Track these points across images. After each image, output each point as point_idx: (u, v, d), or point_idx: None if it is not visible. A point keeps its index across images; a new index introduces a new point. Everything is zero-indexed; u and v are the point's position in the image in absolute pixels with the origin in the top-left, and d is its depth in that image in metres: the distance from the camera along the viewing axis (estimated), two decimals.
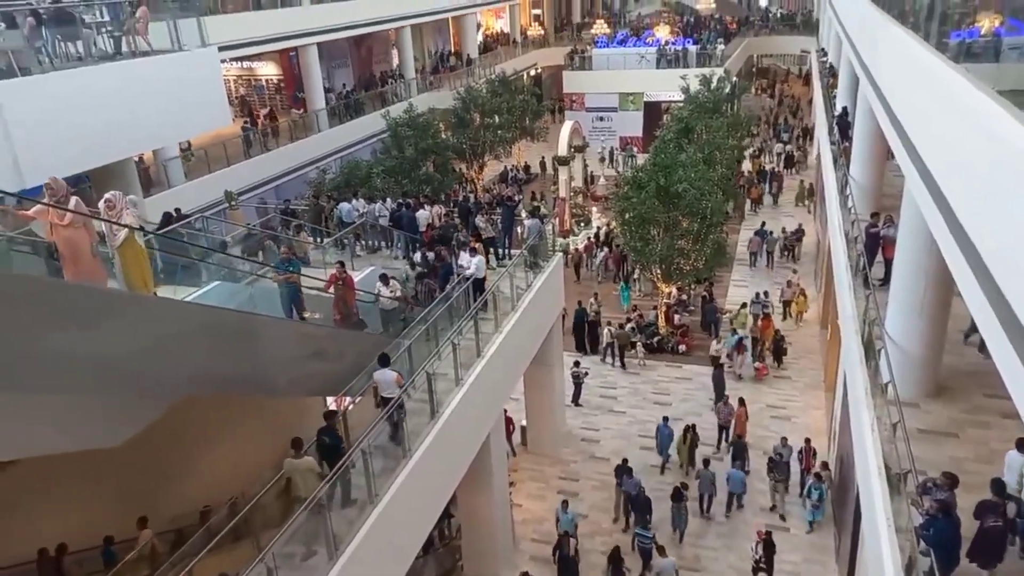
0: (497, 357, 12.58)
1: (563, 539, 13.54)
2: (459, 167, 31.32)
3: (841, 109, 19.48)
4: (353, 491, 9.19)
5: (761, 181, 32.12)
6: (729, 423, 16.68)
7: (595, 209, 30.32)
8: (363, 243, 17.28)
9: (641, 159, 30.43)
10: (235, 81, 33.90)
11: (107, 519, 11.36)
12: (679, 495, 14.25)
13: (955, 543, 6.70)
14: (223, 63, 20.46)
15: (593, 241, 26.97)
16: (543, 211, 18.50)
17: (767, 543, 12.99)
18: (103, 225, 8.25)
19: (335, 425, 9.33)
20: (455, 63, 40.43)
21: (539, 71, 47.53)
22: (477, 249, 14.48)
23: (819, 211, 25.59)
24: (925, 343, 9.74)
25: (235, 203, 19.30)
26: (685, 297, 23.12)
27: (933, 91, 7.22)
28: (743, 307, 21.05)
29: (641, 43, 40.08)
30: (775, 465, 14.83)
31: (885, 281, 11.42)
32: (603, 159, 37.67)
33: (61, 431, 8.12)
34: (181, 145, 22.23)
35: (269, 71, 33.97)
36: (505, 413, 15.48)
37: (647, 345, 20.93)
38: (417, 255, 14.98)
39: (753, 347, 19.88)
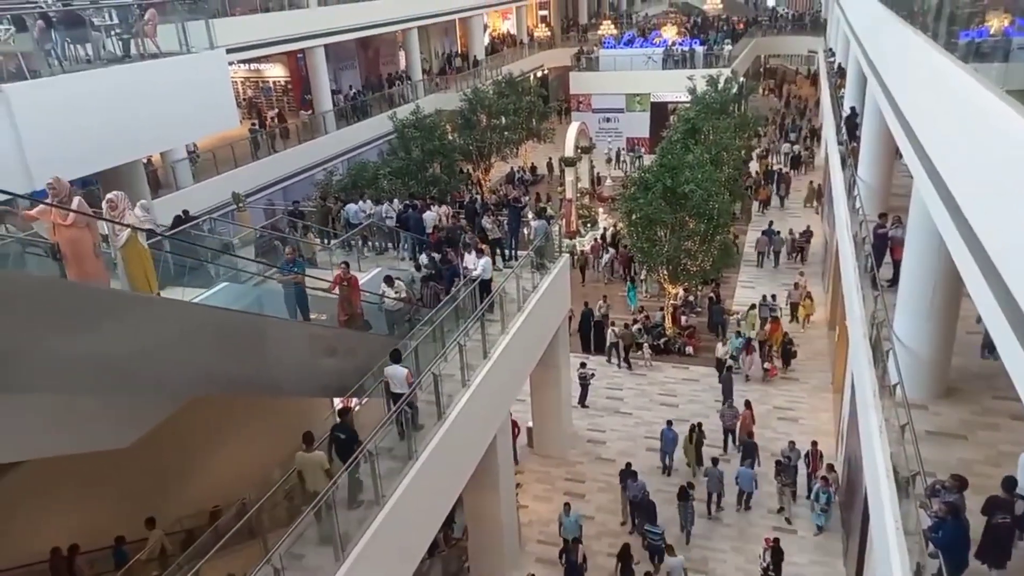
0: (503, 358, 12.58)
1: (571, 545, 13.53)
2: (466, 168, 31.35)
3: (849, 109, 19.41)
4: (361, 492, 9.21)
5: (768, 182, 32.04)
6: (734, 426, 16.63)
7: (601, 210, 30.31)
8: (370, 244, 17.31)
9: (648, 160, 30.36)
10: (243, 83, 34.04)
11: (117, 520, 11.44)
12: (685, 494, 14.28)
13: (964, 546, 6.68)
14: (231, 65, 20.54)
15: (600, 242, 26.94)
16: (549, 212, 18.46)
17: (775, 550, 12.94)
18: (106, 226, 8.23)
19: (349, 422, 9.45)
20: (461, 65, 40.47)
21: (546, 72, 47.53)
22: (484, 250, 14.48)
23: (827, 212, 25.50)
24: (934, 344, 9.70)
25: (243, 205, 19.38)
26: (692, 298, 23.08)
27: (941, 91, 7.19)
28: (752, 308, 20.98)
29: (648, 44, 40.05)
30: (783, 468, 14.78)
31: (893, 282, 11.38)
32: (610, 160, 37.64)
33: (69, 432, 8.16)
34: (187, 148, 22.34)
35: (277, 73, 34.09)
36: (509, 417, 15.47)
37: (654, 346, 20.91)
38: (423, 257, 15.00)
39: (760, 349, 19.81)
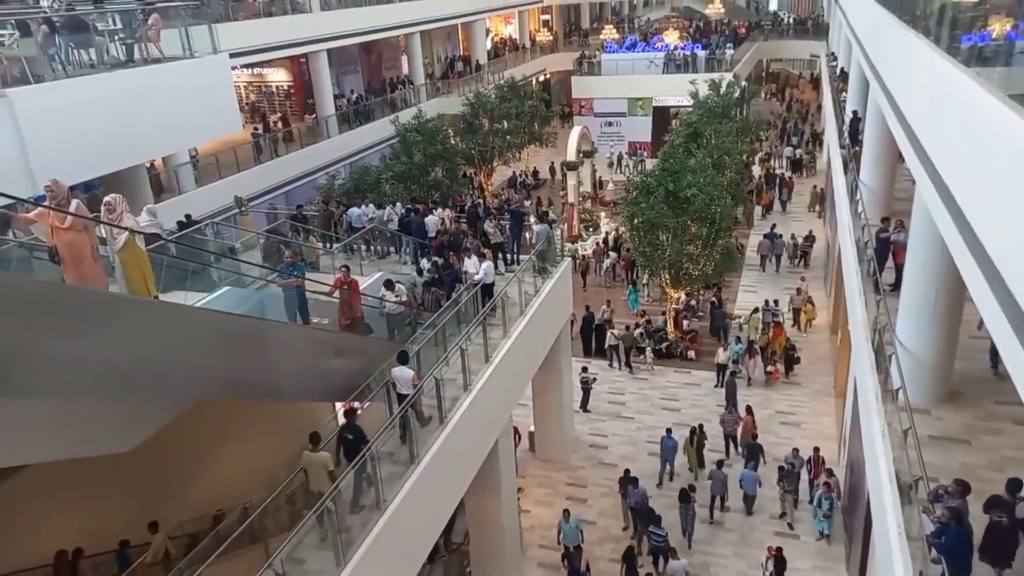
0: (505, 363, 12.57)
1: (573, 552, 13.49)
2: (469, 172, 31.36)
3: (852, 113, 19.40)
4: (362, 496, 9.21)
5: (771, 187, 32.00)
6: (735, 432, 16.59)
7: (603, 214, 30.31)
8: (372, 249, 17.31)
9: (650, 164, 30.38)
10: (245, 87, 34.13)
11: (120, 523, 11.42)
12: (686, 496, 14.30)
13: (967, 551, 6.65)
14: (234, 69, 20.59)
15: (601, 246, 26.95)
16: (551, 216, 18.47)
17: (778, 559, 12.88)
18: (104, 229, 8.17)
19: (355, 421, 9.52)
20: (463, 69, 40.54)
21: (548, 76, 47.57)
22: (486, 254, 14.47)
23: (829, 216, 25.47)
24: (936, 349, 9.67)
25: (245, 209, 19.40)
26: (694, 302, 23.06)
27: (944, 95, 7.18)
28: (755, 312, 20.96)
29: (650, 48, 40.06)
30: (786, 475, 14.74)
31: (896, 286, 11.35)
32: (611, 164, 37.64)
33: (71, 436, 8.15)
34: (189, 152, 22.38)
35: (279, 77, 34.18)
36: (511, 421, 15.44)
37: (656, 350, 20.88)
38: (424, 261, 14.99)
39: (763, 354, 19.77)
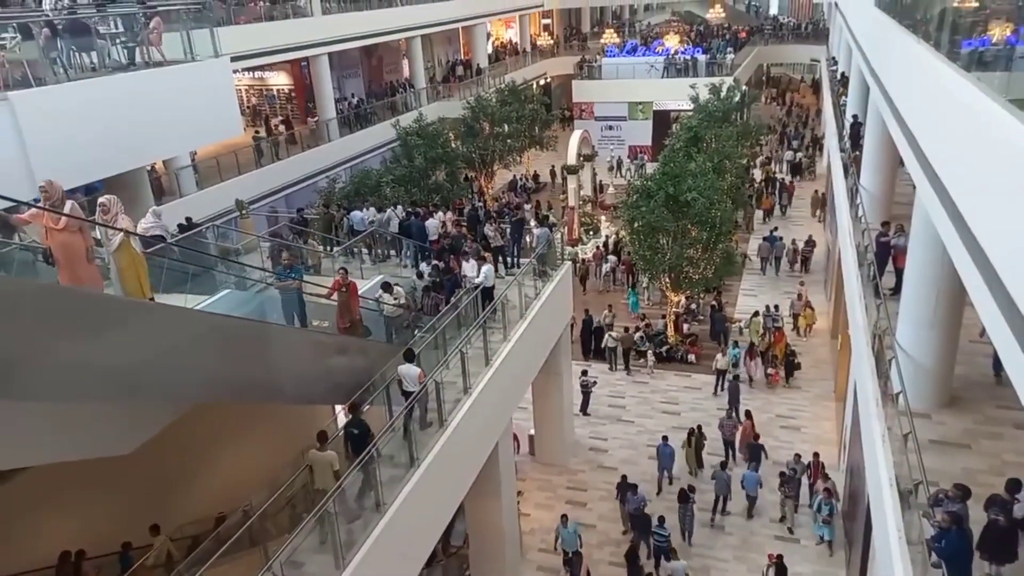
0: (505, 366, 12.57)
1: (574, 558, 13.49)
2: (470, 175, 31.39)
3: (853, 117, 19.42)
4: (367, 490, 9.23)
5: (771, 191, 32.00)
6: (733, 438, 16.59)
7: (604, 218, 30.33)
8: (373, 252, 17.31)
9: (650, 168, 30.40)
10: (247, 90, 34.17)
11: (122, 525, 11.40)
12: (685, 497, 14.34)
13: (967, 555, 6.66)
14: (235, 73, 20.62)
15: (601, 250, 26.97)
16: (552, 220, 18.49)
17: (779, 566, 12.85)
18: (99, 230, 8.08)
19: (361, 416, 9.58)
20: (464, 73, 40.61)
21: (548, 80, 47.65)
22: (486, 258, 14.48)
23: (829, 220, 25.48)
24: (936, 353, 9.66)
25: (246, 212, 19.40)
26: (694, 306, 23.07)
27: (944, 100, 7.19)
28: (755, 316, 20.96)
29: (650, 52, 40.13)
30: (787, 481, 14.73)
31: (896, 291, 11.35)
32: (612, 168, 37.67)
33: (70, 438, 8.14)
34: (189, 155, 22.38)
35: (280, 81, 34.21)
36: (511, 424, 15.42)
37: (656, 354, 20.87)
38: (423, 265, 15.00)
39: (763, 357, 19.77)
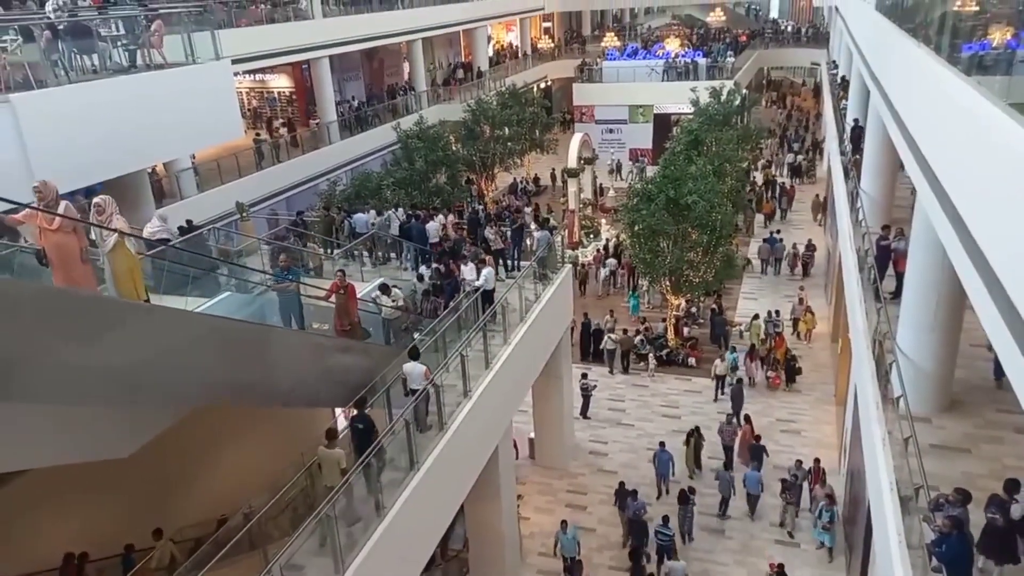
0: (505, 369, 12.57)
1: (574, 566, 13.47)
2: (470, 178, 31.42)
3: (853, 121, 19.44)
4: (361, 503, 9.19)
5: (772, 195, 31.99)
6: (732, 443, 16.57)
7: (604, 221, 30.33)
8: (373, 255, 17.31)
9: (650, 171, 30.40)
10: (247, 93, 34.22)
11: (124, 528, 11.38)
12: (685, 498, 14.35)
13: (968, 560, 6.65)
14: (236, 76, 20.64)
15: (602, 253, 26.98)
16: (552, 223, 18.50)
17: (780, 575, 12.81)
18: (94, 231, 7.93)
19: (366, 411, 9.64)
20: (464, 76, 40.65)
21: (549, 83, 47.71)
22: (487, 261, 14.48)
23: (830, 224, 25.48)
24: (937, 357, 9.67)
25: (246, 215, 19.41)
26: (695, 309, 23.06)
27: (944, 103, 7.20)
28: (755, 319, 20.95)
29: (651, 56, 40.18)
30: (788, 487, 14.70)
31: (896, 294, 11.35)
32: (612, 171, 37.70)
33: (70, 441, 8.13)
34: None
35: (281, 83, 34.25)
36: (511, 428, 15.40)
37: (657, 357, 20.86)
38: (423, 268, 14.99)
39: (764, 361, 19.77)
